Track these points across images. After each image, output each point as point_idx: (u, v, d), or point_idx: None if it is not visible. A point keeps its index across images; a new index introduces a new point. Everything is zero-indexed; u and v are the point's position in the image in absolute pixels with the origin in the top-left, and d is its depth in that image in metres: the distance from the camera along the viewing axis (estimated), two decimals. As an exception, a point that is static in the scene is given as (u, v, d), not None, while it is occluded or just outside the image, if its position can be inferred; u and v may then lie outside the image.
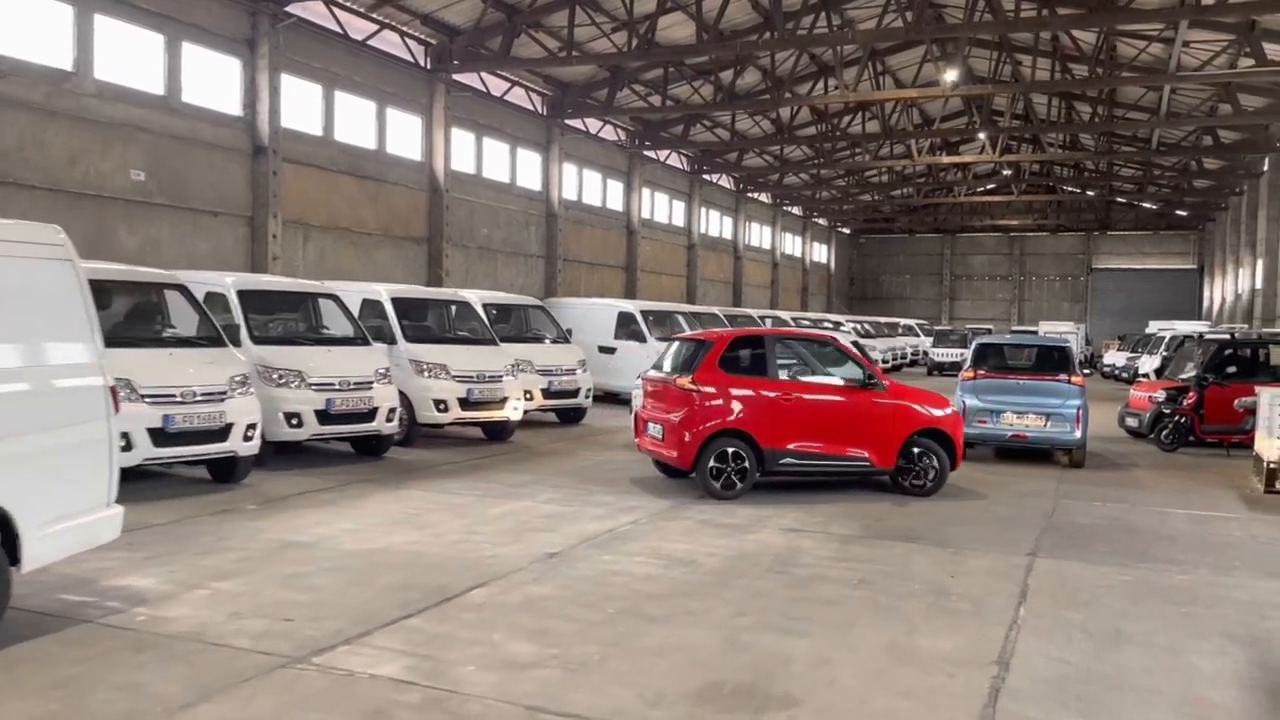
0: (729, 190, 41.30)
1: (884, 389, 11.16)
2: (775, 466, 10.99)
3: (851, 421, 11.03)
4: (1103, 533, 9.67)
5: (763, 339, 11.64)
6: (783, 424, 10.90)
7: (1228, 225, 42.15)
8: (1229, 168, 35.74)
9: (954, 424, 11.37)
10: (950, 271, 58.65)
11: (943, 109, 35.22)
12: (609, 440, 15.92)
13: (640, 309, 21.91)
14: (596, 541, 8.68)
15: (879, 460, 10.99)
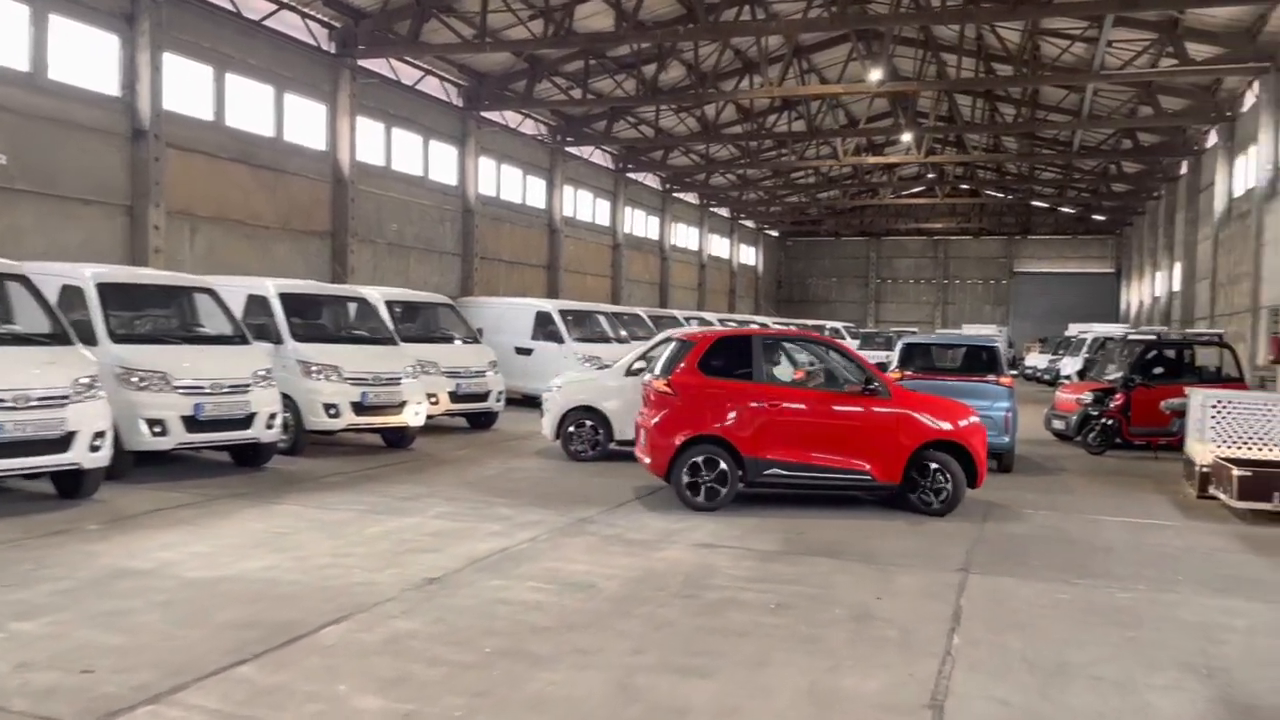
0: (655, 190, 40.55)
1: (886, 395, 10.03)
2: (760, 477, 10.09)
3: (848, 431, 9.98)
4: (1037, 544, 9.01)
5: (749, 339, 10.56)
6: (768, 432, 9.98)
7: (1144, 229, 42.72)
8: (1147, 171, 36.09)
9: (972, 437, 10.08)
10: (876, 274, 58.78)
11: (868, 109, 34.93)
12: (520, 446, 14.93)
13: (559, 308, 20.97)
14: (485, 563, 7.70)
15: (881, 474, 9.91)
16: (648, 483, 11.75)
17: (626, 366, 13.64)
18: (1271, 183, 20.39)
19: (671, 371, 10.46)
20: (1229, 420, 11.76)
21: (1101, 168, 38.15)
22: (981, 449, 10.08)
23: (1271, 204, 20.22)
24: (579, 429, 13.55)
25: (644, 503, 10.56)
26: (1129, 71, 22.57)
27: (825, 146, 38.62)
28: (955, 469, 9.95)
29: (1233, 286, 23.64)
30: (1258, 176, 20.79)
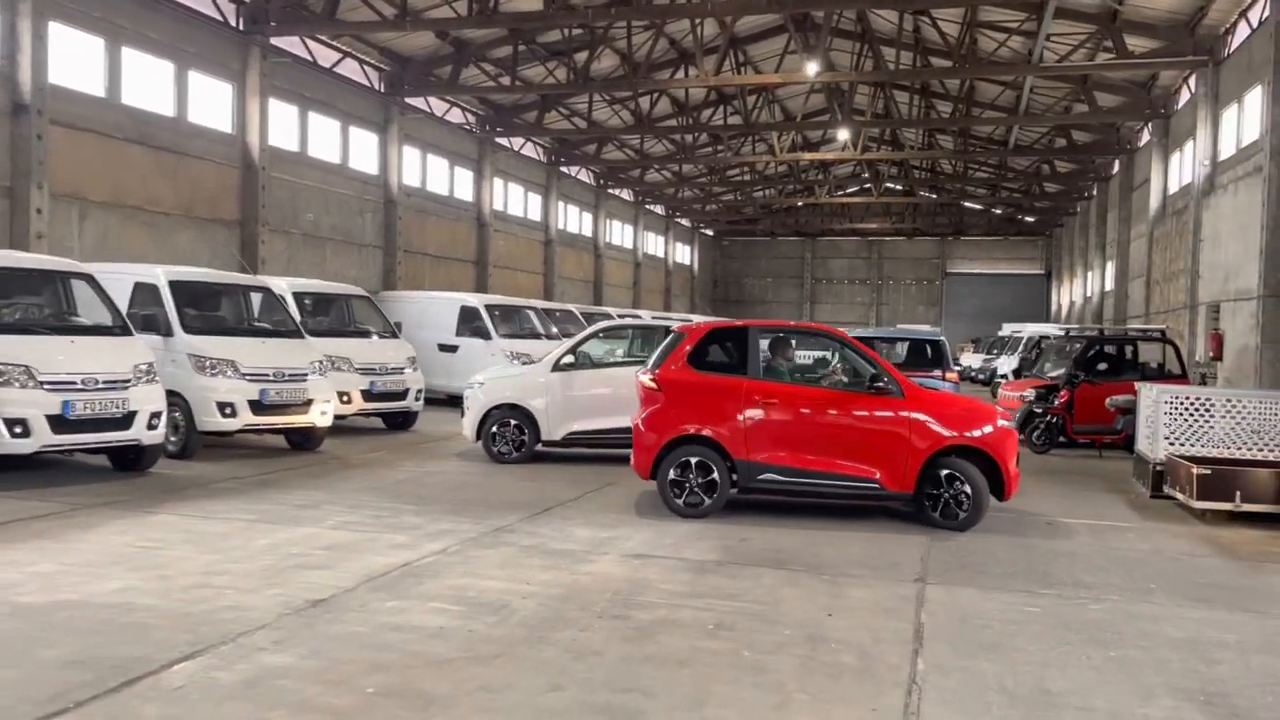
0: (589, 185, 39.62)
1: (899, 395, 8.98)
2: (753, 482, 9.21)
3: (853, 433, 9.02)
4: (994, 550, 8.30)
5: (745, 331, 9.56)
6: (763, 432, 9.12)
7: (1075, 230, 43.02)
8: (1079, 171, 36.21)
9: (999, 443, 8.99)
10: (811, 275, 58.59)
11: (804, 105, 34.46)
12: (439, 448, 13.90)
13: (485, 303, 19.95)
14: (383, 581, 6.71)
15: (891, 482, 8.95)
16: (578, 487, 10.84)
17: (555, 361, 12.71)
18: (1209, 178, 20.23)
19: (660, 366, 9.59)
20: (1183, 417, 11.26)
21: (1034, 167, 38.24)
22: (1010, 456, 9.06)
23: (1209, 200, 20.04)
24: (503, 429, 12.59)
25: (572, 509, 9.64)
26: (1067, 65, 22.30)
27: (761, 143, 38.14)
28: (977, 478, 8.87)
29: (1168, 284, 23.54)
30: (1195, 172, 20.64)
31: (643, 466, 9.45)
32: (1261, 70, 17.22)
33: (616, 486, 11.05)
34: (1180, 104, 24.16)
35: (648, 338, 13.33)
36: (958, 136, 34.93)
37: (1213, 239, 19.61)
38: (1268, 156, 15.49)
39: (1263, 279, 15.58)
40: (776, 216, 56.06)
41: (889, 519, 9.53)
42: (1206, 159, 20.27)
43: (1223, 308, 18.73)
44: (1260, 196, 15.89)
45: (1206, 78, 20.18)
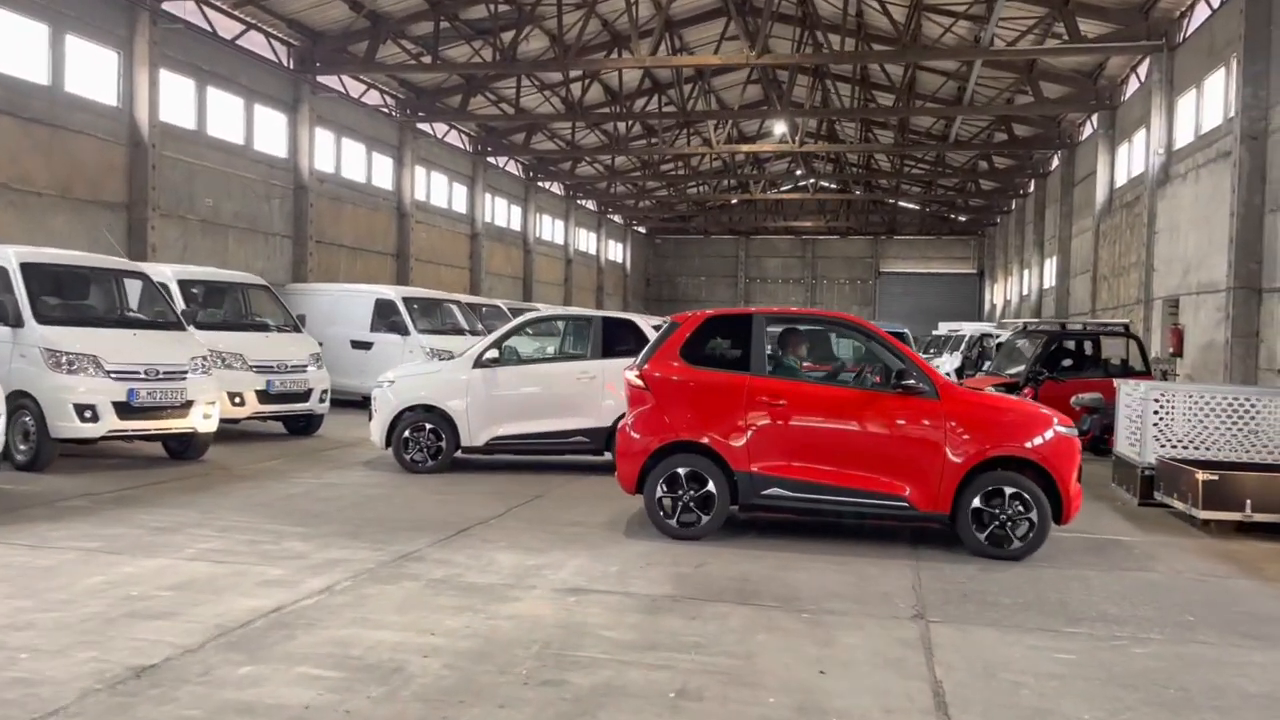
0: (518, 178, 37.97)
1: (933, 395, 7.57)
2: (757, 498, 7.82)
3: (878, 442, 7.63)
4: (994, 575, 7.04)
5: (749, 319, 8.14)
6: (769, 439, 7.73)
7: (1010, 228, 42.69)
8: (1017, 167, 35.71)
9: (1057, 455, 7.49)
10: (745, 274, 57.62)
11: (741, 96, 33.33)
12: (344, 456, 12.26)
13: (403, 296, 18.29)
14: (242, 635, 5.15)
15: (923, 500, 7.51)
16: (503, 501, 9.33)
17: (476, 356, 11.18)
18: (1164, 168, 19.49)
19: (649, 360, 8.17)
20: (1174, 416, 10.20)
21: (971, 164, 37.67)
22: (1070, 471, 7.62)
23: (1165, 190, 19.30)
24: (416, 434, 11.02)
25: (494, 528, 8.14)
26: (1016, 50, 21.42)
27: (696, 136, 36.95)
28: (1035, 496, 7.43)
29: (1117, 279, 22.84)
30: (1148, 162, 19.91)
31: (627, 478, 8.06)
32: (1225, 51, 16.44)
33: (547, 500, 9.58)
34: (1128, 94, 23.51)
35: (582, 331, 11.87)
36: (897, 131, 34.12)
37: (1170, 231, 18.85)
38: (1238, 140, 14.66)
39: (1233, 269, 14.73)
40: (710, 214, 54.99)
41: (864, 537, 8.22)
42: (1161, 148, 19.53)
43: (1182, 302, 17.95)
44: (1229, 182, 15.05)
45: (1161, 63, 19.44)
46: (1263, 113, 14.42)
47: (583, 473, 11.41)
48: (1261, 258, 14.48)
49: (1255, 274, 14.55)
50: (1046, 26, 21.49)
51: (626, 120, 33.06)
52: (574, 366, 11.32)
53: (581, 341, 11.77)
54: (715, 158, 42.08)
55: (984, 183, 40.42)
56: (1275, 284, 14.02)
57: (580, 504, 9.37)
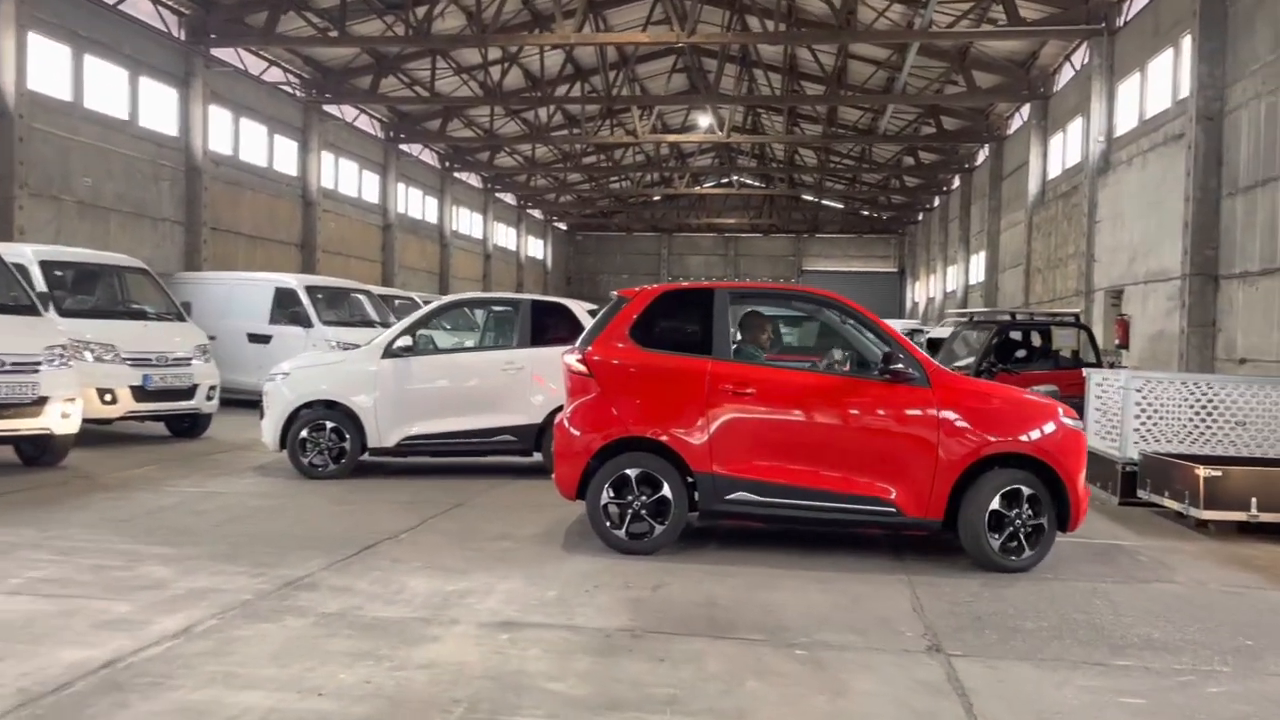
0: (433, 167, 36.26)
1: (924, 383, 6.51)
2: (720, 504, 6.63)
3: (861, 437, 6.54)
4: (1003, 593, 6.00)
5: (710, 294, 6.96)
6: (734, 435, 6.58)
7: (933, 225, 42.52)
8: (942, 162, 35.38)
9: (1064, 451, 6.50)
10: (668, 272, 56.59)
11: (667, 85, 32.29)
12: (233, 461, 10.72)
13: (306, 285, 16.69)
14: (55, 703, 3.77)
15: (912, 504, 6.45)
16: (417, 511, 7.98)
17: (386, 344, 9.78)
18: (1104, 155, 18.97)
19: (593, 341, 6.93)
20: (1155, 408, 9.37)
21: (896, 159, 37.25)
22: (1078, 469, 6.59)
23: (1106, 178, 18.77)
24: (316, 434, 9.58)
25: (406, 545, 6.80)
26: (955, 31, 20.73)
27: (620, 128, 35.78)
28: (1041, 498, 6.44)
29: (1053, 271, 22.36)
30: (1088, 150, 19.38)
31: (567, 482, 6.81)
32: (1173, 31, 15.90)
33: (470, 508, 8.26)
34: (1061, 83, 23.07)
35: (508, 317, 10.58)
36: (825, 123, 33.43)
37: (1112, 219, 18.32)
38: (1193, 121, 14.05)
39: (1188, 256, 14.11)
40: (632, 210, 53.92)
41: (839, 546, 7.10)
42: (1101, 135, 19.00)
43: (1128, 292, 17.40)
44: (1183, 165, 14.45)
45: (1101, 47, 18.91)
46: (1218, 92, 13.83)
47: (510, 476, 10.11)
48: (1218, 243, 13.89)
49: (1211, 260, 13.96)
50: (983, 10, 20.87)
51: (548, 106, 31.75)
52: (499, 356, 10.01)
53: (507, 329, 10.47)
54: (639, 151, 41.01)
55: (908, 179, 40.11)
56: (1234, 270, 13.43)
57: (509, 513, 8.08)
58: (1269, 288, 12.44)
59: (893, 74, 27.33)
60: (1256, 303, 12.75)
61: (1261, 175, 12.66)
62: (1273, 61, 12.41)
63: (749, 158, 42.13)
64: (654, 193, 47.21)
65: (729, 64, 29.10)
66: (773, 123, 36.70)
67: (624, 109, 34.54)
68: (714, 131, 31.19)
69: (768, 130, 37.37)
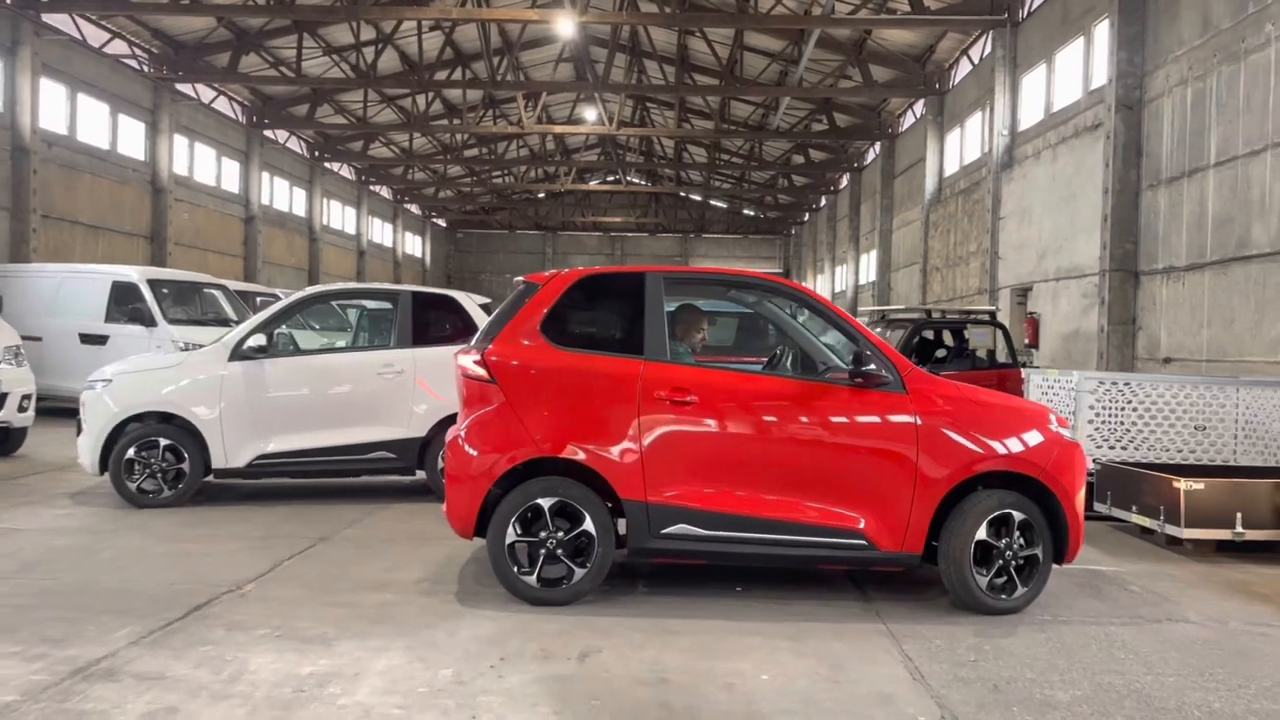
0: (301, 157, 33.91)
1: (899, 388, 5.38)
2: (654, 539, 5.32)
3: (825, 455, 5.34)
4: (1006, 646, 4.91)
5: (641, 280, 5.65)
6: (672, 453, 5.32)
7: (820, 225, 42.34)
8: (832, 161, 35.03)
9: (1062, 466, 5.44)
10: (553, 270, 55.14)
11: (554, 73, 30.89)
12: (46, 486, 8.86)
13: (148, 278, 14.64)
14: None
15: (885, 536, 5.30)
16: (267, 552, 6.42)
17: (235, 344, 8.13)
18: (1008, 150, 18.51)
19: (494, 339, 5.54)
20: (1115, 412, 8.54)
21: (785, 158, 36.76)
22: (1075, 489, 5.52)
23: (1010, 173, 18.29)
24: (146, 453, 7.87)
25: (253, 602, 5.28)
26: (857, 18, 19.97)
27: (503, 119, 34.20)
28: (1035, 521, 5.40)
29: (953, 269, 21.91)
30: (992, 145, 18.90)
31: (463, 515, 5.41)
32: (1084, 20, 15.41)
33: (336, 544, 6.74)
34: (958, 78, 22.68)
35: (384, 312, 9.09)
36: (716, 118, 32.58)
37: (1018, 215, 17.83)
38: (1111, 110, 13.50)
39: (1108, 251, 13.55)
40: (516, 208, 52.31)
41: (789, 582, 5.89)
42: (1005, 129, 18.54)
43: (1037, 289, 16.89)
44: (1100, 156, 13.90)
45: (1004, 39, 18.45)
46: (1138, 80, 13.32)
47: (387, 498, 8.61)
48: (1138, 237, 13.37)
49: (1132, 255, 13.43)
50: (882, 1, 20.20)
51: (426, 93, 29.98)
52: (374, 358, 8.48)
53: (384, 326, 8.99)
54: (523, 145, 39.46)
55: (796, 178, 39.72)
56: (1156, 266, 12.91)
57: (386, 550, 6.60)
58: (1196, 283, 11.91)
59: (787, 67, 26.65)
60: (1183, 299, 12.21)
61: (1188, 166, 12.13)
62: (1199, 46, 11.88)
63: (637, 155, 41.07)
64: (538, 189, 45.75)
65: (619, 54, 27.93)
66: (665, 118, 35.70)
67: (508, 99, 33.09)
68: (603, 124, 29.93)
69: (657, 122, 36.34)
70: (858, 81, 24.70)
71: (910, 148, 27.12)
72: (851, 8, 20.80)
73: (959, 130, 22.55)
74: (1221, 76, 11.37)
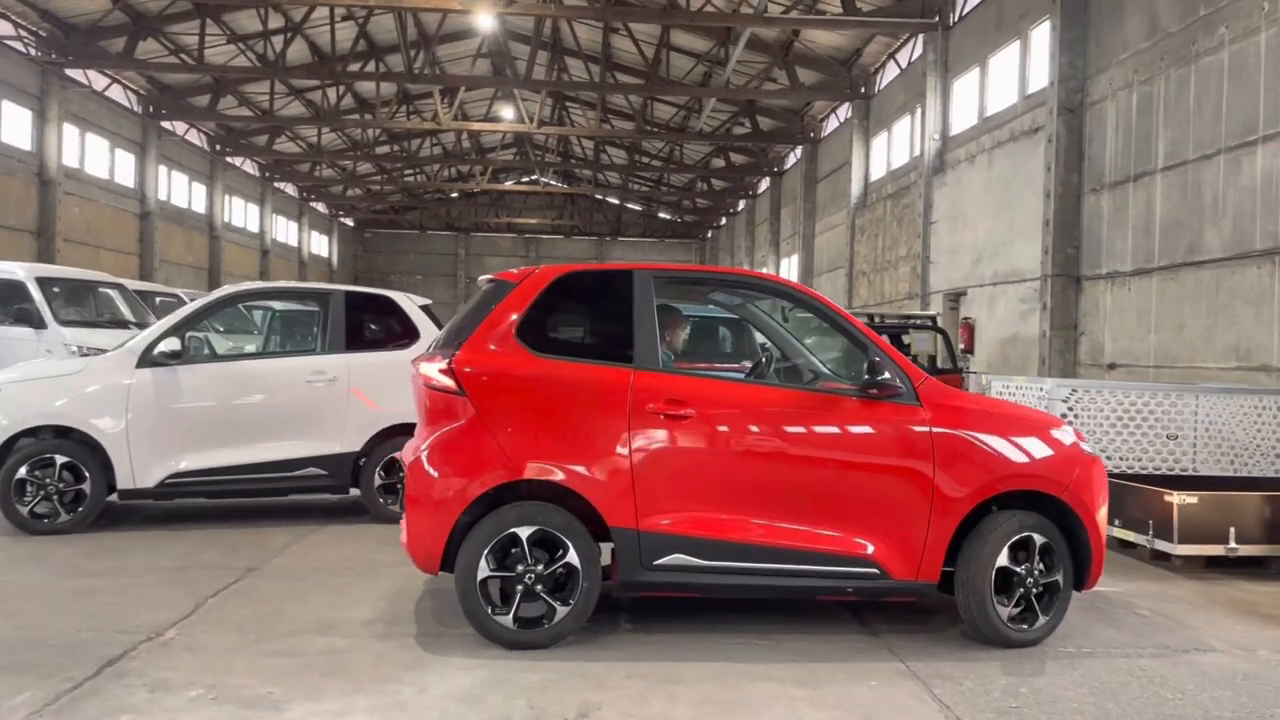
0: (201, 150, 32.21)
1: (913, 399, 4.88)
2: (647, 571, 4.72)
3: (835, 473, 4.82)
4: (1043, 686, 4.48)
5: (629, 278, 5.02)
6: (667, 475, 4.74)
7: (738, 229, 42.21)
8: (752, 165, 34.87)
9: (1084, 484, 5.03)
10: (466, 274, 53.84)
11: (472, 68, 29.99)
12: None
13: (36, 275, 13.33)
14: None
15: (898, 563, 4.80)
16: (188, 588, 5.59)
17: (144, 350, 7.22)
18: (939, 155, 18.42)
19: (462, 344, 4.82)
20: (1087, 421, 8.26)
21: (705, 161, 36.46)
22: (1096, 506, 5.10)
23: (942, 178, 18.20)
24: (40, 472, 6.92)
25: (177, 651, 4.48)
26: (791, 18, 19.65)
27: (416, 115, 33.08)
28: (1056, 545, 4.97)
29: (881, 274, 21.80)
30: (923, 149, 18.80)
31: (427, 548, 4.72)
32: (1020, 24, 15.35)
33: (266, 576, 5.94)
34: (885, 82, 22.61)
35: (312, 313, 8.27)
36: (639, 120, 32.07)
37: (951, 220, 17.74)
38: (1053, 113, 13.40)
39: (1050, 255, 13.44)
40: (428, 208, 50.94)
41: (788, 612, 5.34)
42: (937, 134, 18.45)
43: (972, 294, 16.79)
44: (1042, 160, 13.80)
45: (935, 43, 18.37)
46: (1080, 84, 13.24)
47: (316, 519, 7.79)
48: (1080, 242, 13.29)
49: (1074, 259, 13.34)
50: (811, 3, 19.95)
51: (337, 86, 28.78)
52: (303, 364, 7.65)
53: (313, 329, 8.15)
54: (436, 143, 38.32)
55: (716, 181, 39.48)
56: (1100, 270, 12.82)
57: (327, 581, 5.84)
58: (1143, 289, 11.83)
59: (712, 68, 26.31)
60: (1128, 305, 12.13)
61: (1134, 170, 12.06)
62: (1146, 49, 11.81)
63: (555, 155, 40.30)
64: (452, 188, 44.60)
65: (541, 50, 27.20)
66: (587, 118, 35.03)
67: (423, 94, 32.00)
68: (524, 122, 29.14)
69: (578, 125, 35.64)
70: (784, 84, 24.49)
71: (834, 152, 27.06)
72: (783, 8, 20.51)
73: (886, 135, 22.48)
74: (1170, 80, 11.30)
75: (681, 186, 43.27)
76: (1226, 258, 10.24)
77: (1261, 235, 9.71)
